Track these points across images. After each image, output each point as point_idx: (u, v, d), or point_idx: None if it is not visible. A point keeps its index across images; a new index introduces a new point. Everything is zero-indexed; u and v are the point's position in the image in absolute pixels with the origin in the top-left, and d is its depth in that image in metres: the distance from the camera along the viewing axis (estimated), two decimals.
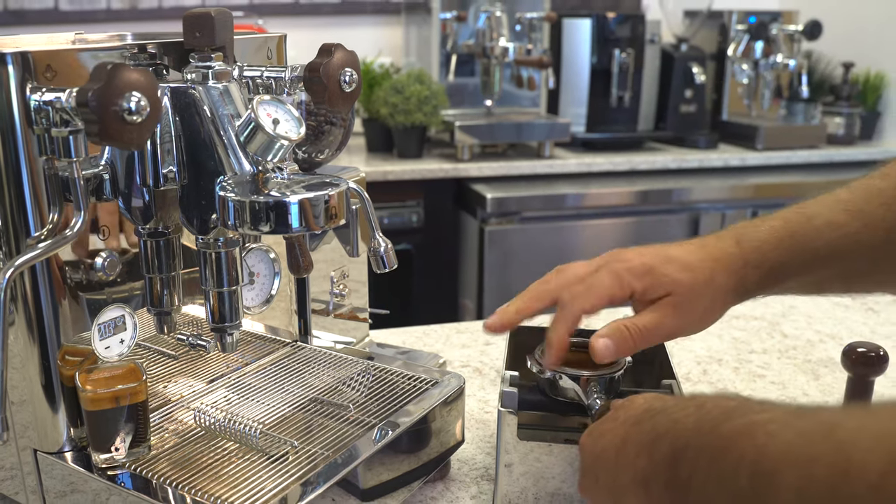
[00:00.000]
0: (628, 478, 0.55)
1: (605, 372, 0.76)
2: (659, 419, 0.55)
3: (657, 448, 0.53)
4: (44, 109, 0.62)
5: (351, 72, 0.70)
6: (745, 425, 0.47)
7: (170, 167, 0.66)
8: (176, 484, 0.67)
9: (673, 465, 0.50)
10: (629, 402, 0.63)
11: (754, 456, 0.45)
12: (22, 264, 0.62)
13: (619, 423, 0.60)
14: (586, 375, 0.75)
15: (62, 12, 2.84)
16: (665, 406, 0.56)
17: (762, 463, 0.44)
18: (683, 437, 0.51)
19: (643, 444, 0.55)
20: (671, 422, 0.53)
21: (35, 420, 0.71)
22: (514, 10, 2.72)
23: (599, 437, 0.62)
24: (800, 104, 3.00)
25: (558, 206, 2.56)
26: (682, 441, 0.51)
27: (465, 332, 1.28)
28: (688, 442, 0.50)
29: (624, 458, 0.56)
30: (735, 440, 0.47)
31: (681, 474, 0.50)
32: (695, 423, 0.51)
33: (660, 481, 0.52)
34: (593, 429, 0.65)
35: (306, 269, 0.86)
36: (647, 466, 0.53)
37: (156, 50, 0.70)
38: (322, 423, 0.77)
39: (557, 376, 0.76)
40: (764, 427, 0.46)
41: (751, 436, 0.46)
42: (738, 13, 2.93)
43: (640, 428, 0.56)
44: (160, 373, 0.85)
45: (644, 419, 0.57)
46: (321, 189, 0.62)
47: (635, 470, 0.54)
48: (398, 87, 2.55)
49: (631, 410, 0.60)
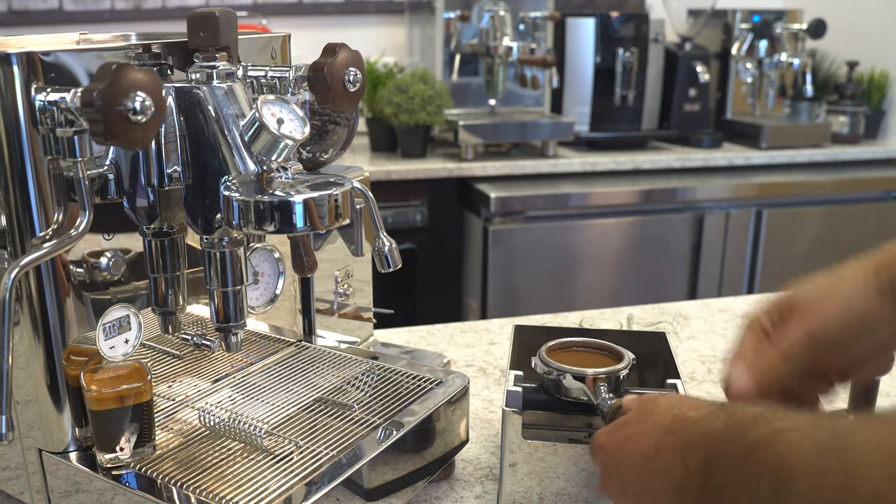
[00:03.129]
0: (662, 486, 0.56)
1: (611, 370, 0.75)
2: (691, 429, 0.56)
3: (691, 456, 0.54)
4: (49, 109, 0.62)
5: (355, 71, 0.70)
6: (768, 434, 0.49)
7: (174, 167, 0.66)
8: (180, 484, 0.67)
9: (706, 472, 0.53)
10: (652, 404, 0.63)
11: (774, 463, 0.47)
12: (27, 264, 0.63)
13: (647, 429, 0.60)
14: (592, 374, 0.74)
15: (66, 13, 2.84)
16: (698, 416, 0.57)
17: (781, 470, 0.47)
18: (715, 445, 0.53)
19: (677, 453, 0.56)
20: (703, 431, 0.55)
21: (40, 420, 0.71)
22: (518, 9, 2.72)
23: (626, 442, 0.62)
24: (804, 103, 2.99)
25: (562, 205, 2.56)
26: (713, 449, 0.53)
27: (469, 331, 1.28)
28: (718, 450, 0.52)
29: (657, 466, 0.57)
30: (759, 447, 0.49)
31: (714, 480, 0.52)
32: (723, 431, 0.53)
33: (693, 488, 0.54)
34: (613, 431, 0.65)
35: (310, 268, 0.86)
36: (682, 474, 0.55)
37: (160, 50, 0.70)
38: (326, 422, 0.77)
39: (562, 376, 0.75)
40: (785, 436, 0.48)
41: (772, 444, 0.48)
42: (742, 12, 2.92)
43: (674, 437, 0.57)
44: (165, 372, 0.85)
45: (676, 428, 0.57)
46: (325, 189, 0.63)
47: (670, 478, 0.56)
48: (402, 87, 2.55)
49: (657, 416, 0.60)
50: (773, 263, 2.75)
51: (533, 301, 2.54)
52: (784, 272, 2.76)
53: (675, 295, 2.67)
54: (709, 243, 2.69)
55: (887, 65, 3.11)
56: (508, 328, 1.28)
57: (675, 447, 0.56)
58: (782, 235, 2.74)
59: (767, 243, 2.73)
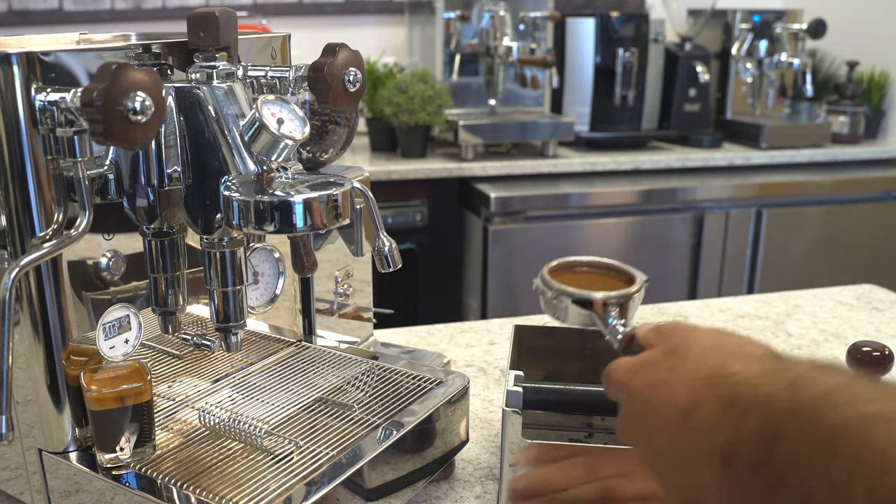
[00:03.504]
0: (701, 449, 0.49)
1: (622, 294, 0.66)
2: (742, 388, 0.48)
3: (744, 423, 0.46)
4: (49, 109, 0.63)
5: (355, 71, 0.70)
6: (856, 419, 0.41)
7: (174, 167, 0.66)
8: (181, 484, 0.67)
9: (765, 448, 0.44)
10: (681, 346, 0.55)
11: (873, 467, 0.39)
12: (27, 264, 0.63)
13: (679, 378, 0.53)
14: (601, 298, 0.66)
15: (66, 13, 2.84)
16: (749, 373, 0.49)
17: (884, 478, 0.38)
18: (779, 418, 0.45)
19: (724, 413, 0.48)
20: (760, 396, 0.47)
21: (40, 420, 0.71)
22: (518, 9, 2.72)
23: (653, 388, 0.54)
24: (804, 103, 2.99)
25: (562, 205, 2.56)
26: (777, 422, 0.45)
27: (469, 331, 1.28)
28: (784, 425, 0.44)
29: (695, 425, 0.50)
30: (846, 436, 0.41)
31: (775, 460, 0.44)
32: (790, 402, 0.45)
33: (746, 461, 0.46)
34: (636, 369, 0.57)
35: (310, 268, 0.87)
36: (731, 441, 0.47)
37: (160, 50, 0.70)
38: (326, 422, 0.77)
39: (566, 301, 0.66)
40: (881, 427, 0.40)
41: (865, 436, 0.40)
42: (742, 12, 2.92)
43: (718, 392, 0.49)
44: (165, 372, 0.85)
45: (721, 383, 0.50)
46: (326, 189, 0.63)
47: (713, 442, 0.48)
48: (402, 87, 2.55)
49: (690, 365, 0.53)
50: (773, 263, 2.75)
51: (533, 301, 2.52)
52: (784, 272, 2.77)
53: (675, 295, 2.67)
54: (709, 243, 2.69)
55: (887, 65, 3.11)
56: (508, 328, 1.28)
57: (720, 405, 0.49)
58: (782, 235, 2.74)
59: (767, 243, 2.73)
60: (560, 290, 0.67)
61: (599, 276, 0.70)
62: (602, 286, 0.67)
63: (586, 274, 0.70)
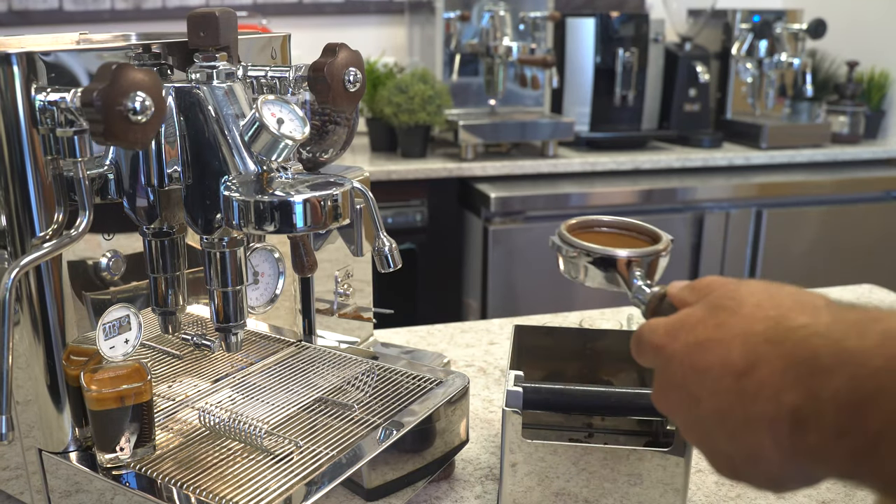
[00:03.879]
0: (762, 413, 0.43)
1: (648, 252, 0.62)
2: (816, 342, 0.42)
3: (825, 383, 0.40)
4: (49, 109, 0.62)
5: (355, 71, 0.70)
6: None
7: (174, 167, 0.66)
8: (180, 484, 0.67)
9: (853, 412, 0.39)
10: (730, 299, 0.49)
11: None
12: (27, 264, 0.63)
13: (731, 335, 0.46)
14: (626, 256, 0.61)
15: (66, 13, 2.84)
16: (818, 325, 0.43)
17: None
18: (872, 377, 0.39)
19: (793, 373, 0.42)
20: (843, 350, 0.40)
21: (40, 420, 0.71)
22: (518, 9, 2.72)
23: (698, 349, 0.48)
24: (804, 103, 2.99)
25: (562, 205, 2.56)
26: (869, 383, 0.39)
27: (469, 331, 1.28)
28: (881, 385, 0.38)
29: (754, 386, 0.44)
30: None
31: (868, 426, 0.38)
32: (887, 360, 0.39)
33: (826, 426, 0.40)
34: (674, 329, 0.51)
35: (310, 268, 0.87)
36: (802, 404, 0.41)
37: (160, 50, 0.70)
38: (326, 422, 0.77)
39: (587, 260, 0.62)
40: None
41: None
42: (742, 12, 2.92)
43: (781, 349, 0.43)
44: (165, 372, 0.85)
45: (786, 338, 0.44)
46: (326, 189, 0.63)
47: (777, 405, 0.42)
48: (402, 87, 2.55)
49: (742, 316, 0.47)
50: (773, 263, 2.75)
51: (533, 301, 2.54)
52: (784, 272, 2.77)
53: None
54: (709, 243, 2.69)
55: (887, 65, 3.11)
56: (508, 328, 1.28)
57: (785, 364, 0.43)
58: (782, 235, 2.75)
59: (767, 243, 2.73)
60: (582, 247, 0.62)
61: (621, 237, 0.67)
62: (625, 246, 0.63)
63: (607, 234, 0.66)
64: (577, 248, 0.62)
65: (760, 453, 0.44)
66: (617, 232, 0.66)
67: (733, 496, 0.84)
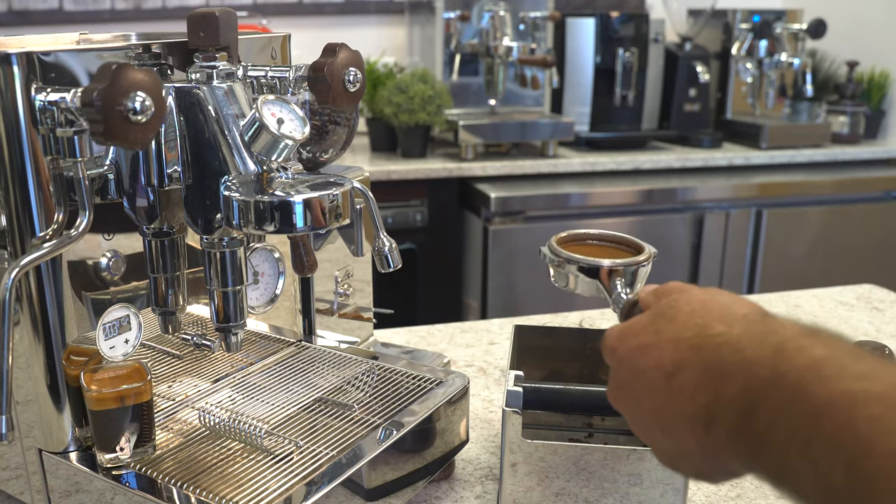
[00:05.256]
0: (684, 411, 0.48)
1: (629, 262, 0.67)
2: (725, 351, 0.47)
3: (725, 386, 0.45)
4: (49, 109, 0.63)
5: (355, 71, 0.70)
6: (840, 396, 0.39)
7: (174, 167, 0.66)
8: (181, 483, 0.67)
9: (746, 413, 0.44)
10: (670, 308, 0.54)
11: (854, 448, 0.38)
12: (27, 264, 0.63)
13: (665, 340, 0.51)
14: (609, 266, 0.66)
15: (67, 13, 2.84)
16: (731, 335, 0.48)
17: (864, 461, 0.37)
18: (760, 385, 0.43)
19: (706, 377, 0.47)
20: (742, 360, 0.45)
21: (40, 420, 0.71)
22: (518, 9, 2.72)
23: (640, 352, 0.53)
24: (804, 103, 2.99)
25: (562, 205, 2.56)
26: (757, 389, 0.43)
27: (469, 331, 1.28)
28: (766, 393, 0.43)
29: (678, 387, 0.49)
30: (829, 414, 0.39)
31: (755, 427, 0.43)
32: (773, 371, 0.43)
33: (726, 425, 0.45)
34: (625, 335, 0.56)
35: (310, 268, 0.87)
36: (711, 404, 0.46)
37: (160, 50, 0.70)
38: (326, 422, 0.77)
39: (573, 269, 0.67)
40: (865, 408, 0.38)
41: (848, 416, 0.38)
42: (742, 12, 2.92)
43: (701, 355, 0.48)
44: (165, 372, 0.85)
45: (704, 345, 0.49)
46: (326, 189, 0.63)
47: (695, 405, 0.47)
48: (402, 87, 2.55)
49: (677, 325, 0.52)
50: (773, 263, 2.75)
51: (533, 301, 2.54)
52: (784, 272, 2.77)
53: None
54: (709, 243, 2.69)
55: (887, 65, 3.11)
56: (508, 328, 1.28)
57: (702, 368, 0.48)
58: (782, 235, 2.75)
59: (767, 243, 2.73)
60: (568, 257, 0.67)
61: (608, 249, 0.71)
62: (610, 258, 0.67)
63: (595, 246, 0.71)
64: (564, 258, 0.67)
65: (686, 448, 0.49)
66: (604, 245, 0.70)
67: (733, 496, 0.84)
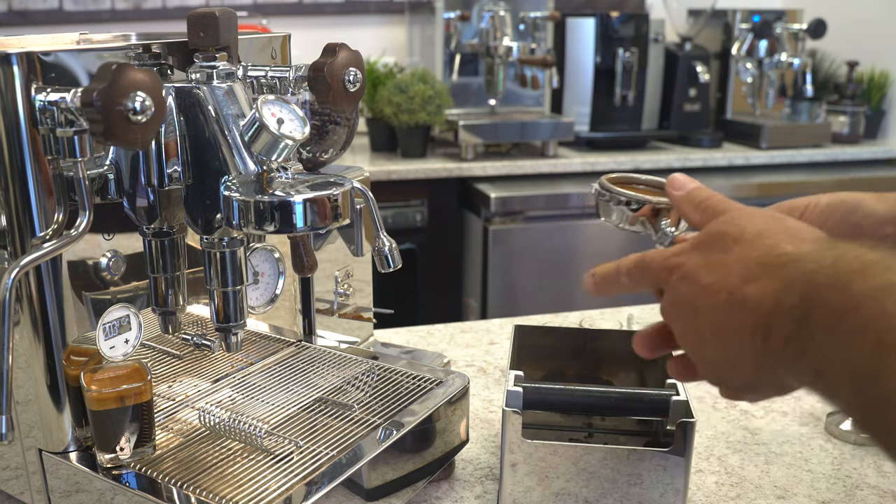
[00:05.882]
0: (745, 321, 0.50)
1: None
2: (791, 268, 0.49)
3: (786, 297, 0.48)
4: (49, 109, 0.62)
5: (355, 71, 0.70)
6: (878, 287, 0.42)
7: (174, 167, 0.66)
8: (181, 483, 0.67)
9: (801, 320, 0.46)
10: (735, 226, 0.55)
11: (882, 324, 0.40)
12: (27, 264, 0.63)
13: (733, 259, 0.53)
14: (656, 202, 0.68)
15: (66, 12, 2.84)
16: (799, 253, 0.50)
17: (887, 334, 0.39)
18: (817, 292, 0.46)
19: (769, 287, 0.49)
20: (805, 273, 0.47)
21: (40, 420, 0.71)
22: (518, 9, 2.72)
23: (704, 270, 0.54)
24: (804, 103, 2.99)
25: (562, 205, 2.56)
26: (814, 296, 0.46)
27: (469, 331, 1.28)
28: (820, 297, 0.45)
29: (741, 299, 0.50)
30: (864, 302, 0.41)
31: (805, 332, 0.46)
32: (830, 276, 0.45)
33: (782, 333, 0.47)
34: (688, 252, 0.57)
35: (310, 268, 0.86)
36: (771, 313, 0.48)
37: (160, 50, 0.70)
38: (326, 422, 0.77)
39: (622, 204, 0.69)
40: None
41: (880, 300, 0.41)
42: (742, 12, 2.92)
43: (768, 271, 0.50)
44: (165, 372, 0.85)
45: (770, 262, 0.50)
46: (326, 189, 0.63)
47: (756, 314, 0.49)
48: (402, 87, 2.55)
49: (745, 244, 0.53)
50: None
51: (533, 301, 2.54)
52: None
53: None
54: None
55: (887, 65, 3.11)
56: (508, 328, 1.28)
57: (768, 281, 0.49)
58: None
59: None
60: (619, 193, 0.70)
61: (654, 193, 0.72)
62: None
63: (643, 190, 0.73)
64: (615, 193, 0.70)
65: (741, 358, 0.51)
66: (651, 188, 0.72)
67: (733, 496, 0.84)
